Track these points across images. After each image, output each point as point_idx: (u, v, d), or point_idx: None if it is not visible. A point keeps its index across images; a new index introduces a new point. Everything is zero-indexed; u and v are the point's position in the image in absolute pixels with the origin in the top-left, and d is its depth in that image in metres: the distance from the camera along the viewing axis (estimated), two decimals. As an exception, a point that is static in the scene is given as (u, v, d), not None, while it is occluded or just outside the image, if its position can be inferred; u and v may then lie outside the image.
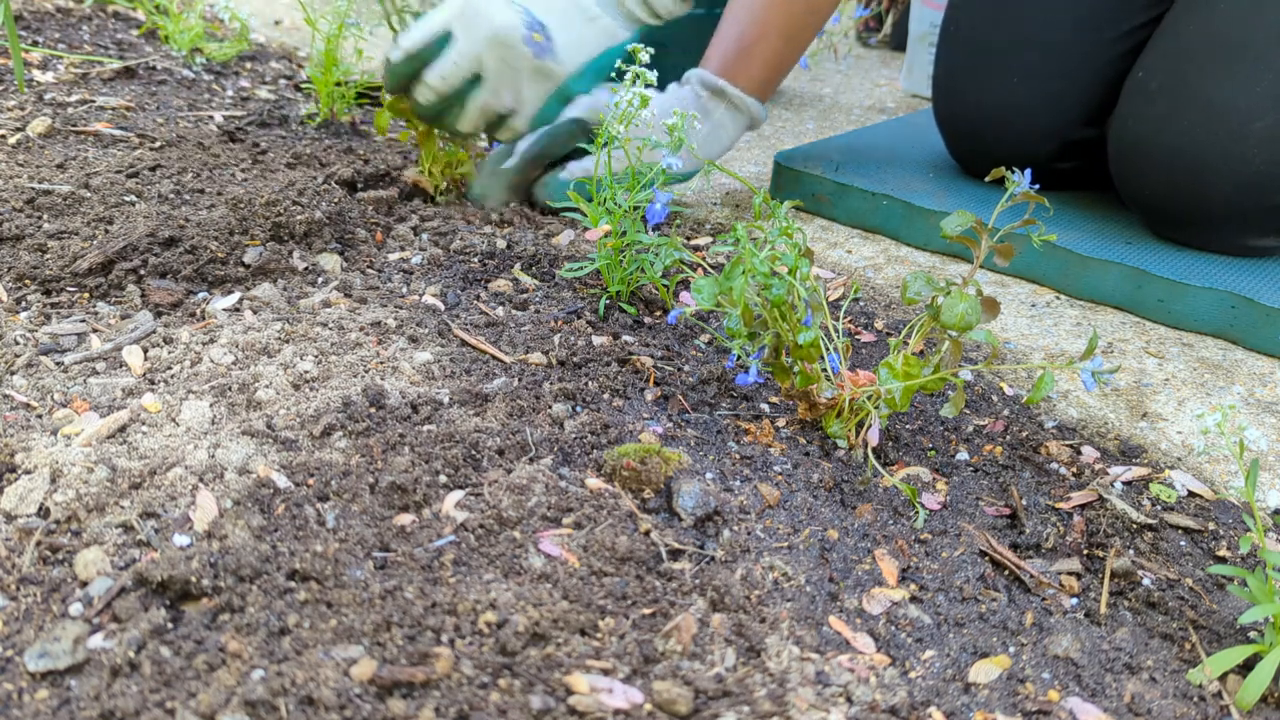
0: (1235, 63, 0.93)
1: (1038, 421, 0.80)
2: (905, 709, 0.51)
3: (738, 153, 1.44)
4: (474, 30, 0.91)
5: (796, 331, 0.69)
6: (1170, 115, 0.96)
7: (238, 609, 0.51)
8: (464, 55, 0.93)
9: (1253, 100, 0.92)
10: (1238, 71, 0.93)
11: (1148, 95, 0.98)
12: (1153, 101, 0.98)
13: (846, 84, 1.95)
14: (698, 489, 0.63)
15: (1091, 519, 0.68)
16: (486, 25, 0.90)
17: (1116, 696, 0.53)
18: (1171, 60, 0.98)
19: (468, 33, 0.91)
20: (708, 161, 0.79)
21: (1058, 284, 1.02)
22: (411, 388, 0.72)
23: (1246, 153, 0.93)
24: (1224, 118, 0.93)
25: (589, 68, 0.93)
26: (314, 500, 0.59)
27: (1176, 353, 0.90)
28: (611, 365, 0.79)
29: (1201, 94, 0.94)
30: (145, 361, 0.73)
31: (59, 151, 1.07)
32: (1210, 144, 0.94)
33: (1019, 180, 0.69)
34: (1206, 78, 0.94)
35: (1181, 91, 0.96)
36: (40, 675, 0.48)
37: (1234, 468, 0.74)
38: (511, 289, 0.91)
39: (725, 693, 0.49)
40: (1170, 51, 0.98)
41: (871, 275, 1.05)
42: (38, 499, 0.58)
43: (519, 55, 0.90)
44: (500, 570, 0.56)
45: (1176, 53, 0.97)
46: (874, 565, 0.62)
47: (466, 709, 0.47)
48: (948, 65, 1.18)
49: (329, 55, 1.16)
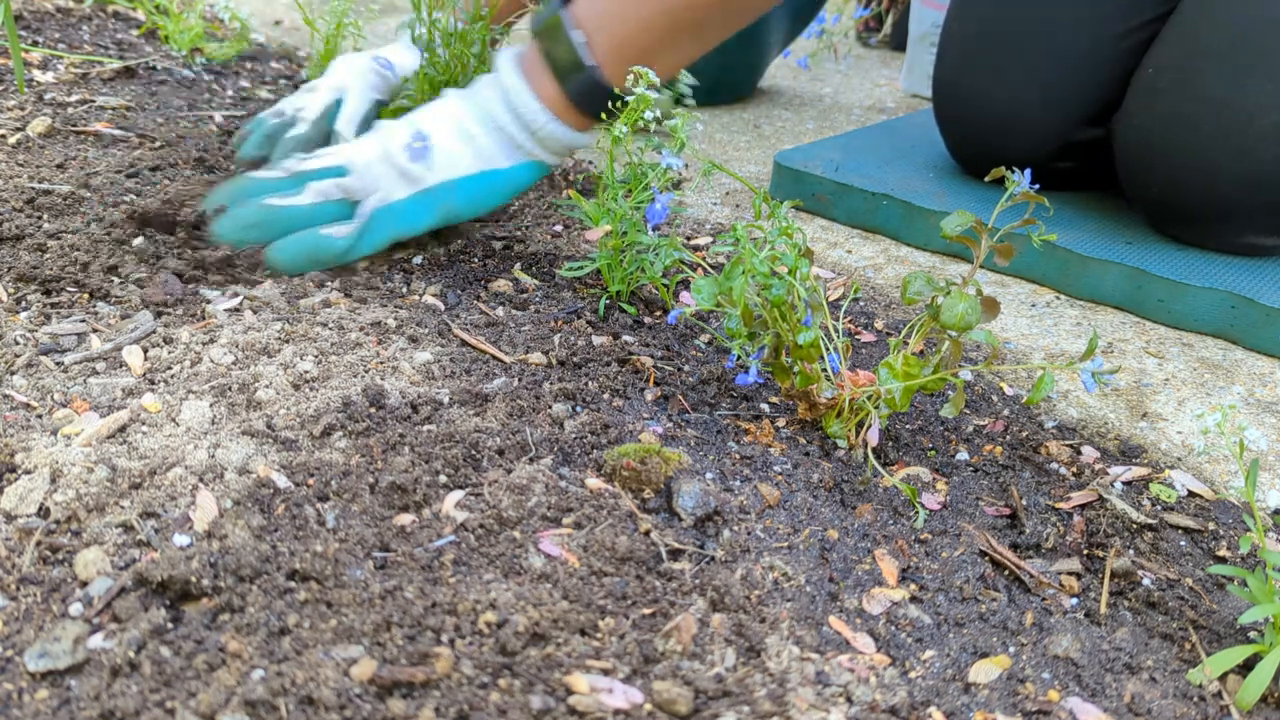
0: (1243, 60, 0.93)
1: (1038, 421, 0.80)
2: (905, 709, 0.51)
3: (738, 152, 1.44)
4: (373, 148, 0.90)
5: (796, 331, 0.69)
6: (1178, 112, 0.96)
7: (238, 609, 0.51)
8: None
9: (1261, 97, 0.92)
10: (1246, 69, 0.93)
11: (1156, 92, 0.99)
12: (1160, 99, 0.98)
13: (846, 84, 1.95)
14: (698, 489, 0.63)
15: (1091, 519, 0.68)
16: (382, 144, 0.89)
17: (1116, 696, 0.53)
18: (1180, 58, 0.98)
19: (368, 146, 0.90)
20: (708, 162, 0.79)
21: (1058, 284, 1.02)
22: (411, 388, 0.72)
23: (1253, 150, 0.93)
24: (1232, 115, 0.93)
25: (462, 182, 0.88)
26: (314, 500, 0.59)
27: (1176, 353, 0.90)
28: (611, 365, 0.79)
29: (1209, 91, 0.94)
30: (145, 361, 0.73)
31: (59, 151, 1.07)
32: (1217, 141, 0.94)
33: (1019, 180, 0.69)
34: (1215, 75, 0.94)
35: (1190, 89, 0.96)
36: (40, 675, 0.48)
37: (1234, 468, 0.74)
38: (511, 289, 0.91)
39: (725, 693, 0.49)
40: (1179, 50, 0.98)
41: (871, 275, 1.05)
42: (38, 499, 0.58)
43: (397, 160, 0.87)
44: (500, 570, 0.56)
45: (1185, 51, 0.98)
46: (874, 565, 0.62)
47: (466, 709, 0.47)
48: (948, 65, 1.18)
49: (328, 55, 1.16)
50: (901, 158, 1.27)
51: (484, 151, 0.89)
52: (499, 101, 0.88)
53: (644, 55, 0.84)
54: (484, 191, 0.90)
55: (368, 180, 0.88)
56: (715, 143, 1.49)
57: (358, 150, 0.89)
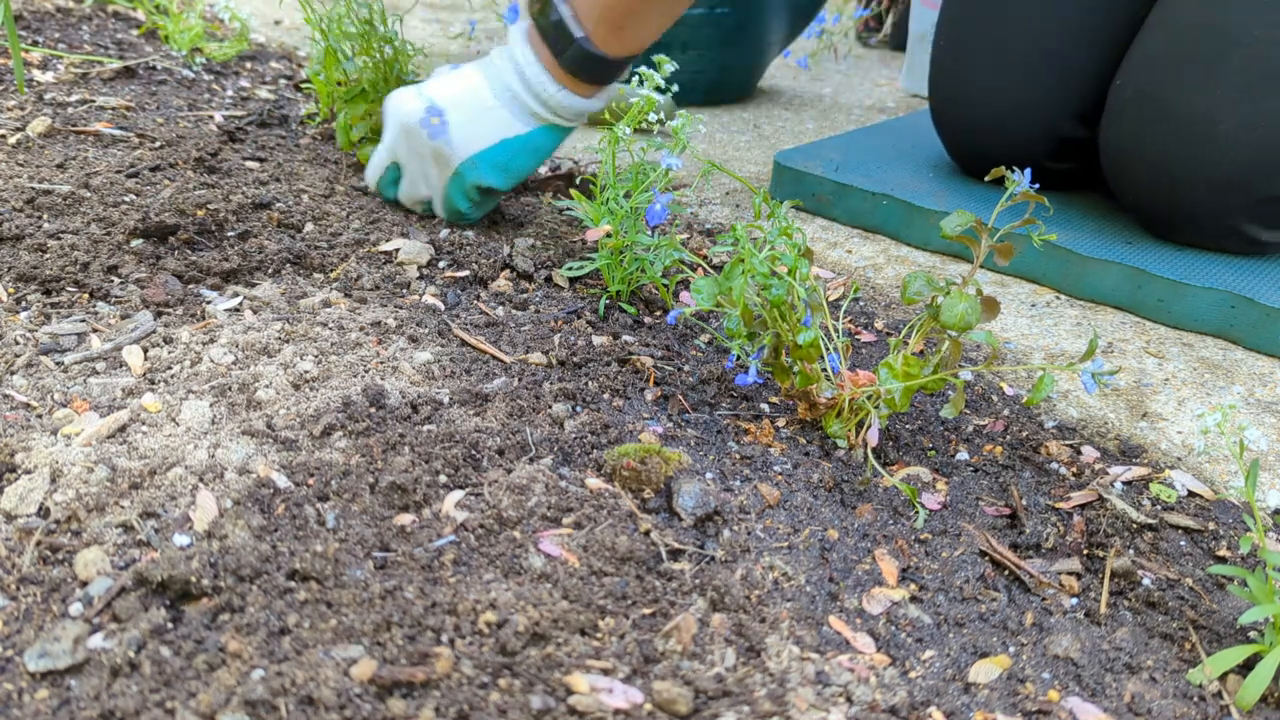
0: (1197, 69, 0.94)
1: (1038, 421, 0.80)
2: (905, 709, 0.51)
3: (738, 152, 1.44)
4: (391, 125, 0.98)
5: (796, 331, 0.69)
6: (1143, 124, 0.98)
7: (238, 609, 0.51)
8: (384, 148, 1.00)
9: (1216, 104, 0.93)
10: (1200, 77, 0.94)
11: (1124, 103, 1.00)
12: (1127, 111, 1.00)
13: (846, 84, 1.95)
14: (698, 489, 0.63)
15: (1091, 519, 0.68)
16: (396, 116, 0.96)
17: (1116, 696, 0.53)
18: (1141, 69, 0.99)
19: (388, 129, 0.99)
20: (708, 162, 0.79)
21: (1058, 284, 1.02)
22: (411, 388, 0.72)
23: (1217, 155, 0.94)
24: (1191, 124, 0.95)
25: (482, 157, 0.95)
26: (314, 500, 0.59)
27: (1176, 353, 0.90)
28: (611, 365, 0.79)
29: (1169, 102, 0.96)
30: (145, 361, 0.73)
31: (59, 151, 1.07)
32: (1182, 150, 0.96)
33: (1019, 180, 0.69)
34: (1171, 86, 0.96)
35: (1151, 100, 0.98)
36: (40, 675, 0.48)
37: (1234, 468, 0.74)
38: (511, 289, 0.91)
39: (725, 693, 0.49)
40: (1140, 61, 1.00)
41: (871, 275, 1.05)
42: (38, 499, 0.58)
43: (419, 138, 0.94)
44: (500, 570, 0.56)
45: (1145, 61, 0.99)
46: (874, 565, 0.62)
47: (466, 709, 0.47)
48: (941, 65, 1.19)
49: (328, 55, 1.16)
50: (901, 158, 1.27)
51: (502, 120, 0.94)
52: (512, 72, 0.93)
53: (627, 20, 0.89)
54: (507, 157, 0.95)
55: (416, 180, 0.99)
56: (715, 142, 1.49)
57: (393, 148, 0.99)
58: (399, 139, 0.97)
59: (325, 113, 1.29)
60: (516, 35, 0.93)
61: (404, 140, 0.96)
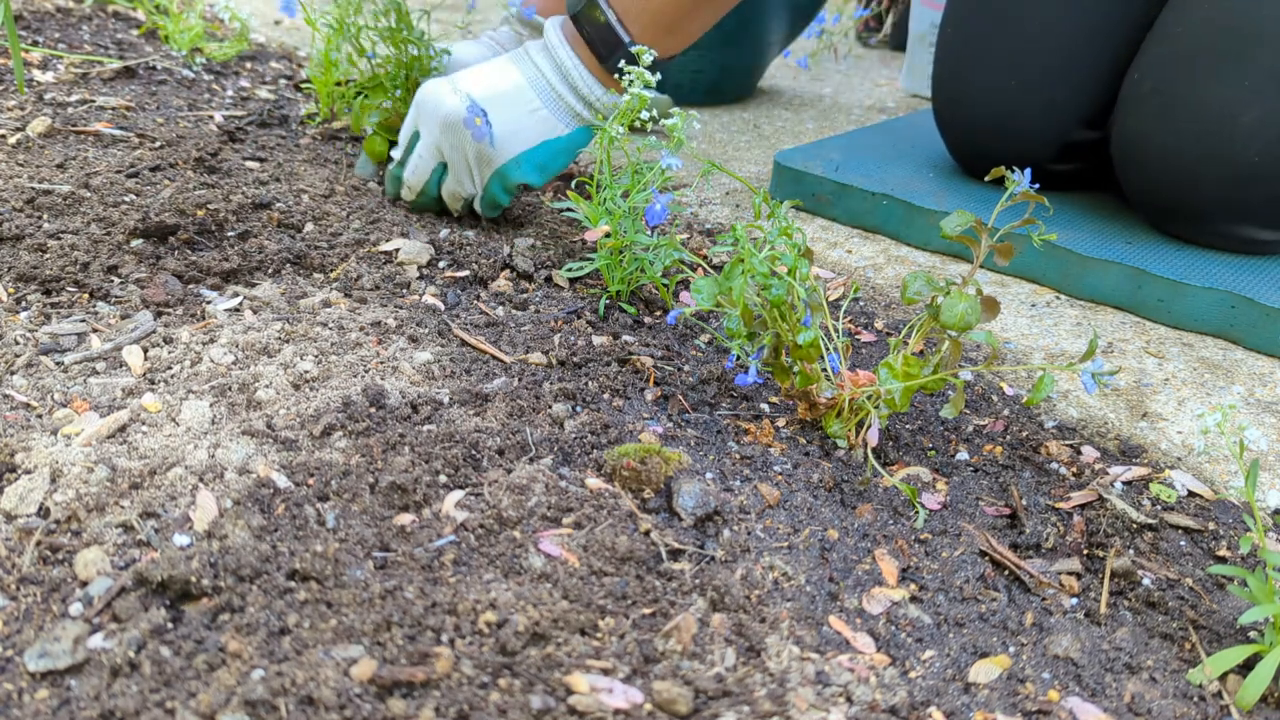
0: (1220, 60, 0.94)
1: (1038, 421, 0.80)
2: (905, 709, 0.51)
3: (738, 152, 1.44)
4: (429, 122, 0.97)
5: (796, 331, 0.69)
6: (1163, 115, 0.98)
7: (238, 609, 0.51)
8: (426, 148, 0.99)
9: (1239, 96, 0.93)
10: (1223, 69, 0.94)
11: (1141, 97, 1.00)
12: (1146, 103, 1.00)
13: (846, 84, 1.95)
14: (698, 489, 0.63)
15: (1091, 519, 0.68)
16: (436, 114, 0.95)
17: (1116, 696, 0.53)
18: (1161, 61, 0.99)
19: (426, 126, 0.98)
20: (708, 162, 0.79)
21: (1058, 284, 1.02)
22: (411, 388, 0.72)
23: (1236, 148, 0.94)
24: (1212, 115, 0.95)
25: (525, 157, 0.96)
26: (314, 500, 0.59)
27: (1176, 353, 0.90)
28: (611, 365, 0.79)
29: (1190, 93, 0.96)
30: (145, 361, 0.73)
31: (59, 151, 1.07)
32: (1201, 141, 0.96)
33: (1019, 180, 0.69)
34: (1194, 77, 0.96)
35: (1172, 92, 0.97)
36: (40, 675, 0.48)
37: (1234, 468, 0.74)
38: (511, 289, 0.91)
39: (725, 692, 0.49)
40: (1160, 53, 1.00)
41: (871, 275, 1.05)
42: (38, 499, 0.58)
43: (463, 138, 0.94)
44: (500, 570, 0.56)
45: (1165, 54, 0.99)
46: (874, 565, 0.62)
47: (466, 709, 0.47)
48: (944, 66, 1.19)
49: (328, 55, 1.16)
50: (901, 158, 1.27)
51: (545, 121, 0.96)
52: (554, 73, 0.95)
53: (672, 25, 0.92)
54: (548, 158, 0.98)
55: (462, 178, 0.99)
56: (715, 142, 1.49)
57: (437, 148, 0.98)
58: (441, 137, 0.96)
59: (325, 113, 1.29)
60: (554, 34, 0.94)
61: (446, 138, 0.96)
